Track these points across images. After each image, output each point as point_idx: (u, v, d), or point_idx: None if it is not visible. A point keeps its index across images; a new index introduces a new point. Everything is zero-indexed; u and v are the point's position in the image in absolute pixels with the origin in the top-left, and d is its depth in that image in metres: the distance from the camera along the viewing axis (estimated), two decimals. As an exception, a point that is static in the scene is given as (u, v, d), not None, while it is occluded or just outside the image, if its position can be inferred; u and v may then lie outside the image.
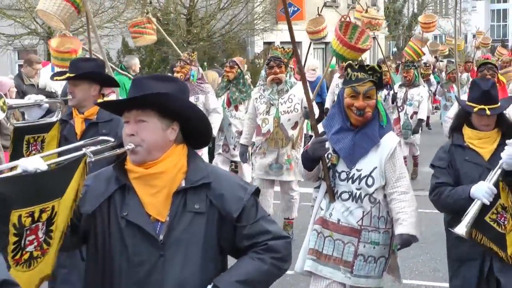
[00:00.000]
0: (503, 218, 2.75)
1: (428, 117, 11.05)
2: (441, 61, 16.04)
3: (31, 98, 3.16)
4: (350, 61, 3.67)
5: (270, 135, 5.20)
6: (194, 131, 1.82)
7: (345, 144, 2.90)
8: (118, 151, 1.82)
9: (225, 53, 13.89)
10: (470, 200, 2.76)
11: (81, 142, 2.10)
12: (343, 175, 2.91)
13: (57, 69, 5.07)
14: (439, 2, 33.24)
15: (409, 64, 8.20)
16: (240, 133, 5.90)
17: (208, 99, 5.94)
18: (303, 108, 5.04)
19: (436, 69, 14.25)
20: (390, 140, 2.95)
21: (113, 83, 3.56)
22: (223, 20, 13.78)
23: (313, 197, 3.31)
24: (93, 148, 1.81)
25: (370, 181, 2.87)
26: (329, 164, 2.93)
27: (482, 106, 2.86)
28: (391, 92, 7.57)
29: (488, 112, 2.85)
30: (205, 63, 9.93)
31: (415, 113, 7.78)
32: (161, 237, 1.71)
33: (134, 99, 1.71)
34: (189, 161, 1.79)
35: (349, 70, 2.96)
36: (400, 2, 27.84)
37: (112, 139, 2.04)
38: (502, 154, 2.75)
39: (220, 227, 1.76)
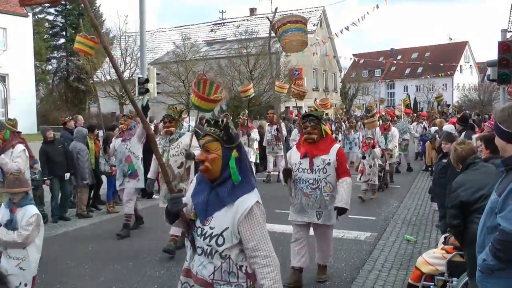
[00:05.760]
0: None
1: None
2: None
3: None
4: (209, 118, 3.20)
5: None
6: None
7: (200, 199, 2.77)
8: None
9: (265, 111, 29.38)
10: None
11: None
12: (199, 231, 2.74)
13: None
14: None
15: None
16: None
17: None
18: (184, 151, 6.59)
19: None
20: (246, 201, 2.69)
21: None
22: (266, 95, 29.92)
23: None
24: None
25: (220, 240, 2.67)
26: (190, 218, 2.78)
27: None
28: None
29: None
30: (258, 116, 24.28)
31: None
32: None
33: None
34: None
35: (206, 125, 2.86)
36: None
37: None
38: None
39: None
